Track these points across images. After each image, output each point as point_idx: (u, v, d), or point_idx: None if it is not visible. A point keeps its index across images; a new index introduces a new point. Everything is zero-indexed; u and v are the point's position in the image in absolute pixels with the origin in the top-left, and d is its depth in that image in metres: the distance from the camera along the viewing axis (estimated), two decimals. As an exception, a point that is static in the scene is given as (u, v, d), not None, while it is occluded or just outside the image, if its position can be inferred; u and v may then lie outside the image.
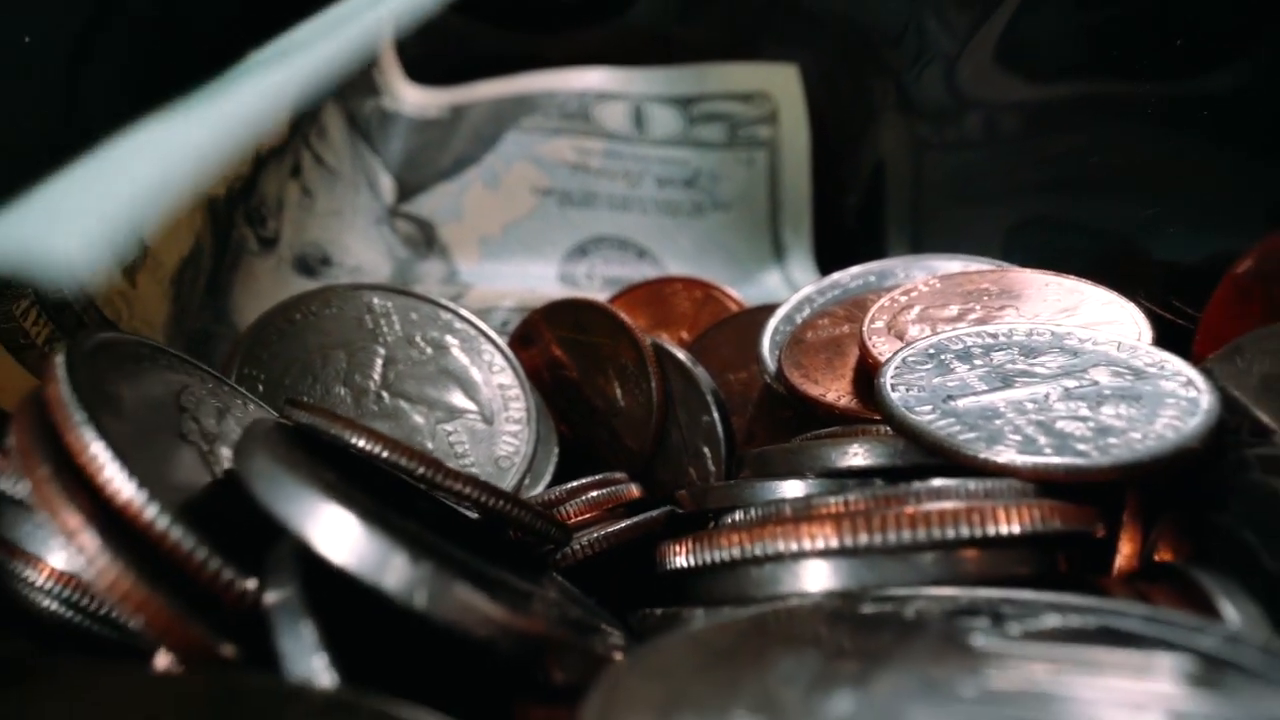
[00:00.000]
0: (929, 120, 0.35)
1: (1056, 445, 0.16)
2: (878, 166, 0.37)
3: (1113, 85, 0.29)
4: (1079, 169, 0.30)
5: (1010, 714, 0.09)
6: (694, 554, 0.15)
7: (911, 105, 0.35)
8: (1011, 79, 0.32)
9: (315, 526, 0.12)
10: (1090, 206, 0.29)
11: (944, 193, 0.35)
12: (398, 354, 0.24)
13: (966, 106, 0.34)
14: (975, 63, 0.33)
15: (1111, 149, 0.30)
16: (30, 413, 0.13)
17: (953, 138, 0.34)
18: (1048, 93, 0.31)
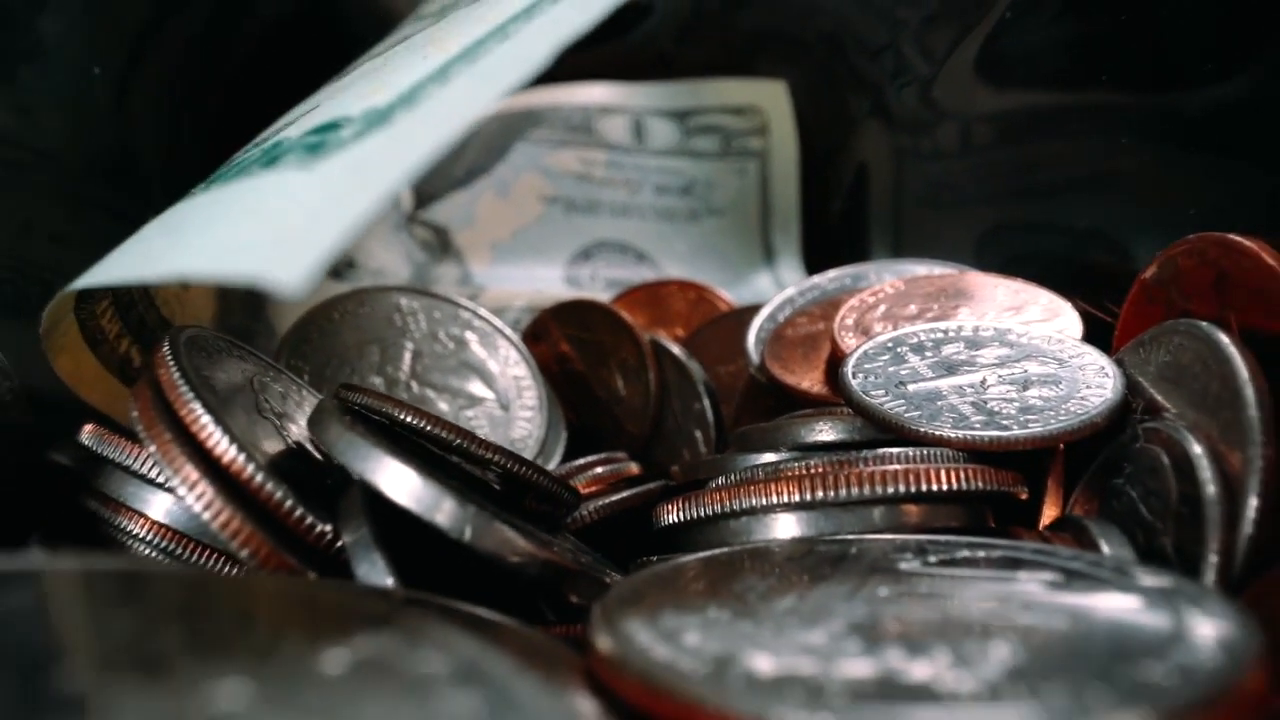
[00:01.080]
0: (907, 132, 0.39)
1: (985, 421, 0.19)
2: (860, 175, 0.41)
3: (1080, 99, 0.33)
4: (1043, 179, 0.34)
5: (915, 605, 0.13)
6: (682, 510, 0.19)
7: (891, 118, 0.39)
8: (984, 95, 0.36)
9: (384, 478, 0.16)
10: (1051, 213, 0.33)
11: (921, 200, 0.39)
12: (424, 348, 0.28)
13: (942, 119, 0.37)
14: (949, 80, 0.36)
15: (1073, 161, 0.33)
16: (148, 392, 0.17)
17: (929, 148, 0.38)
18: (1017, 108, 0.35)
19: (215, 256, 0.11)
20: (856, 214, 0.41)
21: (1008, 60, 0.35)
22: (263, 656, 0.09)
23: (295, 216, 0.10)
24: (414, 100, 0.12)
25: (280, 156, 0.14)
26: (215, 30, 0.37)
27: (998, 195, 0.35)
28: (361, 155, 0.11)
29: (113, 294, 0.25)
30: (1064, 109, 0.33)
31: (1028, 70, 0.34)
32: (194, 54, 0.37)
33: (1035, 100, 0.34)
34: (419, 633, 0.10)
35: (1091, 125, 0.32)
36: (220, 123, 0.38)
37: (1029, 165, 0.34)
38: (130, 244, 0.15)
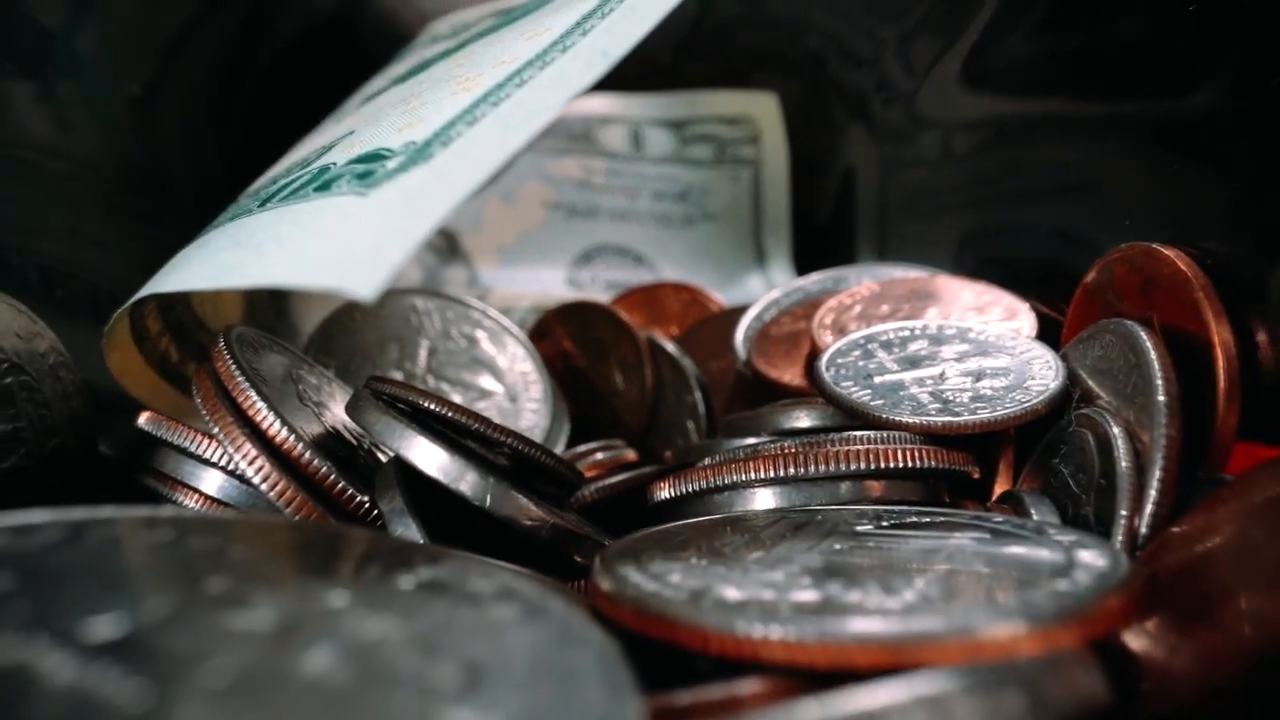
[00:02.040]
0: (890, 141, 0.42)
1: (940, 408, 0.22)
2: (847, 182, 0.44)
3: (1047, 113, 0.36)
4: (1013, 187, 0.37)
5: (861, 556, 0.16)
6: (673, 487, 0.22)
7: (875, 128, 0.42)
8: (959, 108, 0.39)
9: (416, 454, 0.19)
10: (1019, 220, 0.36)
11: (904, 205, 0.42)
12: (438, 345, 0.31)
13: (921, 130, 0.40)
14: (928, 93, 0.39)
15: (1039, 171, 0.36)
16: (209, 382, 0.20)
17: (910, 157, 0.41)
18: (991, 121, 0.38)
19: (298, 269, 0.14)
20: (843, 219, 0.44)
21: (983, 75, 0.38)
22: (353, 577, 0.12)
23: (363, 239, 0.13)
24: (448, 138, 0.15)
25: (332, 182, 0.17)
26: (238, 46, 0.40)
27: (972, 202, 0.38)
28: (410, 187, 0.14)
29: (157, 295, 0.28)
30: (1033, 122, 0.36)
31: (1001, 85, 0.37)
32: (218, 69, 0.40)
33: (1007, 113, 0.37)
34: (465, 566, 0.13)
35: (1058, 137, 0.35)
36: (242, 133, 0.41)
37: (1000, 174, 0.37)
38: (203, 254, 0.18)
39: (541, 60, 0.17)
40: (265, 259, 0.15)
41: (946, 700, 0.10)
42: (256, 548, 0.12)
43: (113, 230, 0.34)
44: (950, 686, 0.10)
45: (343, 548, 0.14)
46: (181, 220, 0.37)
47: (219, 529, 0.13)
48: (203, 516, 0.15)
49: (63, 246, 0.31)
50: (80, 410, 0.25)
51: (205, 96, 0.40)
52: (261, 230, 0.16)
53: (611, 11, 0.18)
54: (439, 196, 0.13)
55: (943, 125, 0.40)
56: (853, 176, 0.43)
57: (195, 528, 0.13)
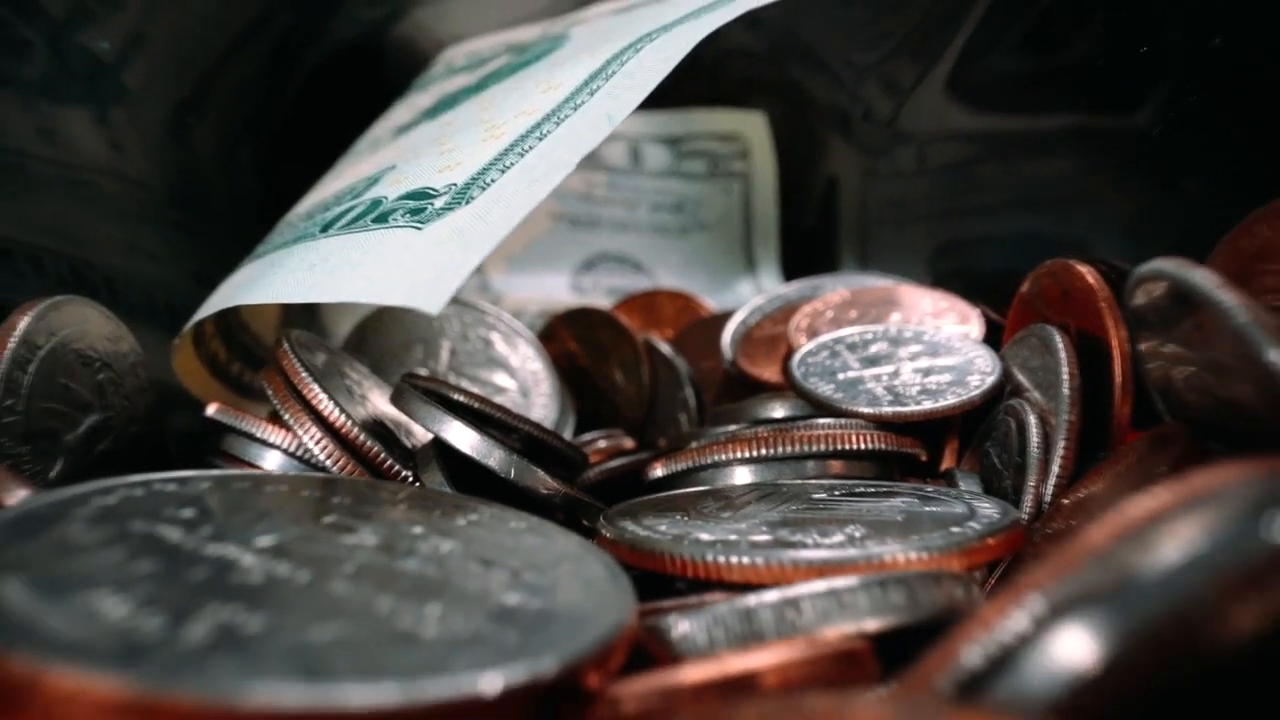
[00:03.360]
0: (870, 156, 0.47)
1: (892, 400, 0.27)
2: (830, 193, 0.48)
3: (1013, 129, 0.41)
4: (978, 202, 0.42)
5: (811, 514, 0.21)
6: (665, 466, 0.27)
7: (856, 145, 0.47)
8: (931, 127, 0.43)
9: (452, 435, 0.23)
10: (982, 231, 0.41)
11: (882, 216, 0.47)
12: (458, 346, 0.35)
13: (898, 145, 0.45)
14: (906, 115, 0.44)
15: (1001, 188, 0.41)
16: (278, 377, 0.25)
17: (887, 170, 0.46)
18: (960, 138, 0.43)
19: (372, 290, 0.18)
20: (828, 228, 0.49)
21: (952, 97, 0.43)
22: (425, 515, 0.17)
23: (424, 266, 0.18)
24: (485, 183, 0.20)
25: (388, 215, 0.22)
26: (269, 72, 0.45)
27: (940, 215, 0.43)
28: (458, 224, 0.19)
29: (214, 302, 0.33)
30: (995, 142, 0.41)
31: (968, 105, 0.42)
32: (250, 93, 0.45)
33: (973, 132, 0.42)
34: (503, 511, 0.18)
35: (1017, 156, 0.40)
36: (272, 153, 0.46)
37: (964, 190, 0.42)
38: (280, 273, 0.23)
39: (556, 116, 0.22)
40: (341, 280, 0.20)
41: (847, 591, 0.15)
42: (349, 496, 0.17)
43: (162, 243, 0.39)
44: (851, 583, 0.15)
45: (414, 497, 0.18)
46: (218, 234, 0.42)
47: (320, 484, 0.18)
48: (306, 475, 0.20)
49: (122, 258, 0.36)
50: (153, 402, 0.30)
51: (238, 119, 0.45)
52: (333, 255, 0.21)
53: (614, 75, 0.23)
54: (484, 235, 0.18)
55: (916, 141, 0.45)
56: (836, 188, 0.48)
57: (303, 483, 0.17)
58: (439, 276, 0.17)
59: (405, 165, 0.25)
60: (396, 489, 0.20)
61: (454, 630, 0.12)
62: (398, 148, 0.28)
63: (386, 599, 0.13)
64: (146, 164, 0.39)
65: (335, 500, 0.17)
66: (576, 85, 0.23)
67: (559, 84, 0.24)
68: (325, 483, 0.18)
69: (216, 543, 0.14)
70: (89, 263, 0.34)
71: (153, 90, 0.40)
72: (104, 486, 0.15)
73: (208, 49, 0.42)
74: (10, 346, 0.23)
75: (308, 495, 0.17)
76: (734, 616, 0.15)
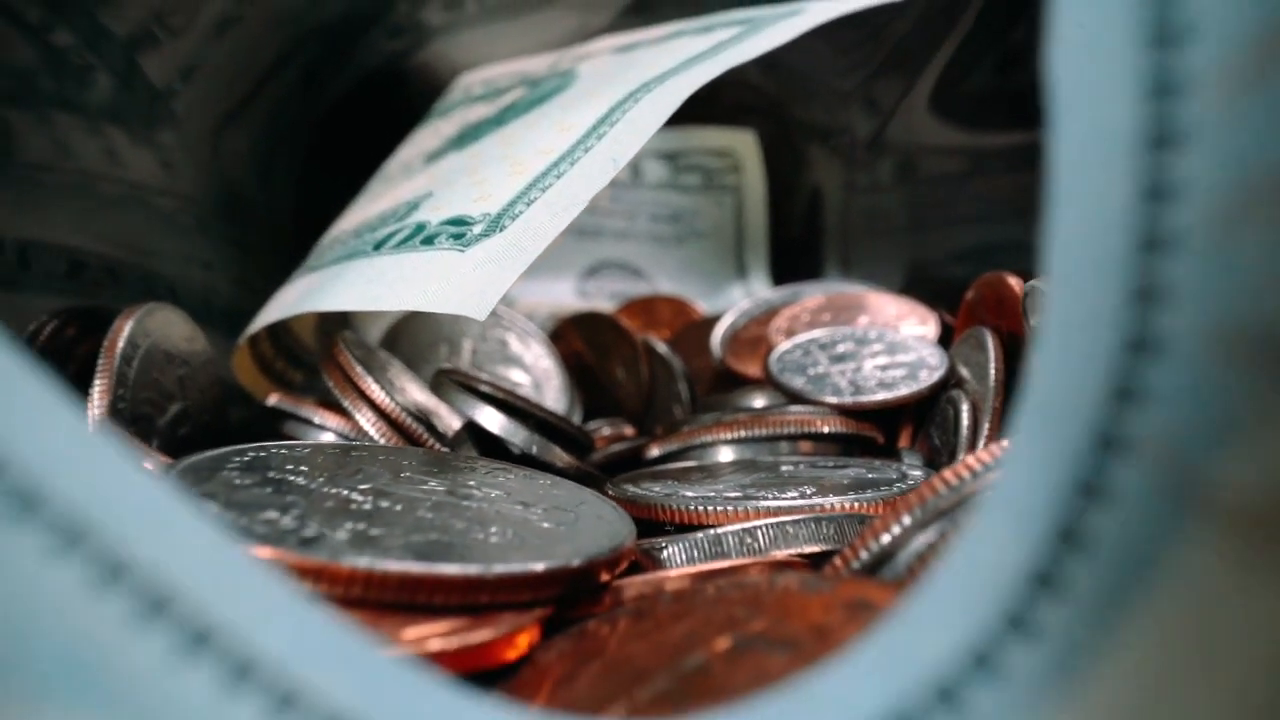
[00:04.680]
0: (851, 172, 0.53)
1: (853, 391, 0.33)
2: (815, 206, 0.55)
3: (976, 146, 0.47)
4: (941, 215, 0.48)
5: (774, 478, 0.27)
6: (660, 447, 0.33)
7: (839, 161, 0.53)
8: (911, 145, 0.50)
9: (484, 418, 0.29)
10: (943, 243, 0.47)
11: (862, 226, 0.53)
12: (478, 346, 0.42)
13: (878, 160, 0.51)
14: (887, 134, 0.50)
15: (975, 199, 0.47)
16: (337, 371, 0.31)
17: (866, 184, 0.52)
18: (936, 153, 0.49)
19: (427, 300, 0.24)
20: (812, 237, 0.55)
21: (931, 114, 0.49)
22: (478, 474, 0.23)
23: (469, 281, 0.24)
24: (514, 214, 0.26)
25: (433, 238, 0.28)
26: (301, 96, 0.51)
27: (909, 227, 0.49)
28: (494, 249, 0.25)
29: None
30: (967, 157, 0.47)
31: (946, 122, 0.48)
32: (284, 116, 0.51)
33: (947, 147, 0.48)
34: (532, 472, 0.24)
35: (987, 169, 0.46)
36: (304, 170, 0.52)
37: (936, 202, 0.48)
38: (342, 285, 0.29)
39: (570, 157, 0.28)
40: (400, 291, 0.26)
41: (791, 524, 0.21)
42: (415, 459, 0.23)
43: (214, 253, 0.45)
44: (795, 519, 0.21)
45: (465, 461, 0.24)
46: (260, 245, 0.48)
47: (393, 452, 0.24)
48: (379, 446, 0.26)
49: (181, 267, 0.42)
50: (220, 394, 0.36)
51: (272, 140, 0.51)
52: (390, 270, 0.27)
53: (617, 122, 0.29)
54: (518, 258, 0.24)
55: (891, 156, 0.51)
56: (819, 201, 0.54)
57: (379, 450, 0.23)
58: (483, 290, 0.23)
59: (441, 193, 0.31)
60: (449, 456, 0.26)
61: (509, 540, 0.18)
62: (430, 175, 0.34)
63: (459, 522, 0.19)
64: (194, 182, 0.45)
65: (405, 462, 0.23)
66: (586, 129, 0.29)
67: (571, 125, 0.30)
68: (397, 449, 0.24)
69: (331, 485, 0.20)
70: (156, 272, 0.40)
71: (198, 113, 0.46)
72: (236, 450, 0.22)
73: (246, 75, 0.48)
74: (119, 346, 0.29)
75: (384, 458, 0.23)
76: (707, 542, 0.21)
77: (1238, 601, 0.07)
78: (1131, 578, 0.08)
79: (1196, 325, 0.08)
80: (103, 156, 0.41)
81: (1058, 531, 0.09)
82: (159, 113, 0.43)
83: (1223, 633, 0.07)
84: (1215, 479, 0.08)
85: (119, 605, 0.08)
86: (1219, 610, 0.07)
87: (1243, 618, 0.07)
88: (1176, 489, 0.08)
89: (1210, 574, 0.07)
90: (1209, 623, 0.07)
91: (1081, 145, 0.09)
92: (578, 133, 0.29)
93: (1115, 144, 0.09)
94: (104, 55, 0.40)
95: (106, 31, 0.39)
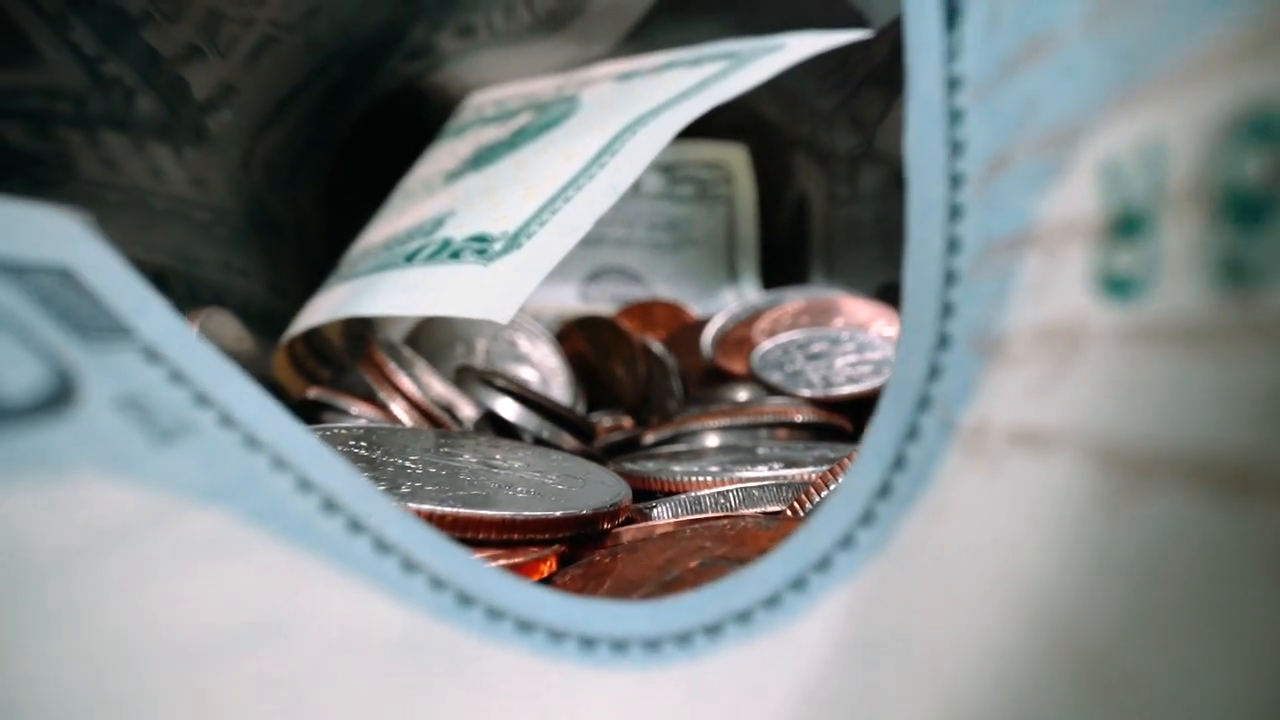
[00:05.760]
0: (834, 183, 0.59)
1: (824, 385, 0.39)
2: (801, 215, 0.60)
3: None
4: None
5: (753, 456, 0.33)
6: (654, 433, 0.39)
7: (823, 173, 0.59)
8: (894, 161, 0.55)
9: (501, 407, 0.35)
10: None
11: (845, 234, 0.59)
12: (491, 345, 0.47)
13: (858, 172, 0.57)
14: (869, 147, 0.56)
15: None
16: (373, 369, 0.37)
17: (847, 195, 0.58)
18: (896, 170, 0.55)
19: (457, 305, 0.30)
20: (799, 244, 0.60)
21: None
22: (498, 450, 0.29)
23: (493, 290, 0.30)
24: (530, 234, 0.32)
25: (459, 253, 0.33)
26: (324, 114, 0.57)
27: (881, 236, 0.55)
28: (514, 263, 0.30)
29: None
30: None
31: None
32: (307, 133, 0.57)
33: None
34: (547, 449, 0.30)
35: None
36: (326, 185, 0.58)
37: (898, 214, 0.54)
38: (378, 294, 0.35)
39: (576, 184, 0.34)
40: (432, 299, 0.31)
41: (757, 488, 0.27)
42: (448, 439, 0.29)
43: (248, 262, 0.51)
44: (762, 484, 0.27)
45: (490, 440, 0.30)
46: (289, 254, 0.54)
47: (430, 433, 0.30)
48: (417, 428, 0.32)
49: (221, 275, 0.48)
50: (263, 388, 0.42)
51: (296, 156, 0.57)
52: (422, 281, 0.33)
53: (617, 152, 0.35)
54: (534, 272, 0.30)
55: (869, 168, 0.57)
56: (805, 210, 0.60)
57: (417, 431, 0.29)
58: (505, 298, 0.29)
59: (463, 212, 0.37)
60: (479, 437, 0.32)
61: (531, 495, 0.24)
62: (451, 194, 0.40)
63: (492, 484, 0.25)
64: (227, 196, 0.51)
65: (441, 440, 0.29)
66: (589, 158, 0.35)
67: (576, 154, 0.36)
68: (434, 430, 0.30)
69: (387, 457, 0.26)
70: (200, 279, 0.46)
71: (231, 132, 0.52)
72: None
73: (276, 95, 0.54)
74: (188, 345, 0.35)
75: (424, 438, 0.29)
76: (688, 501, 0.27)
77: (983, 506, 0.13)
78: (922, 485, 0.14)
79: (964, 332, 0.14)
80: (148, 173, 0.47)
81: (894, 460, 0.15)
82: (198, 131, 0.49)
83: (970, 520, 0.13)
84: (967, 424, 0.13)
85: (312, 501, 0.14)
86: (968, 511, 0.13)
87: (986, 518, 0.13)
88: (948, 428, 0.14)
89: (963, 488, 0.13)
90: (963, 518, 0.13)
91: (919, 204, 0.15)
92: (582, 161, 0.35)
93: (935, 209, 0.15)
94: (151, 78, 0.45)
95: (156, 55, 0.45)
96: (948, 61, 0.15)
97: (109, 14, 0.40)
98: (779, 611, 0.14)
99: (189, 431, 0.13)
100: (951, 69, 0.15)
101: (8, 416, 0.10)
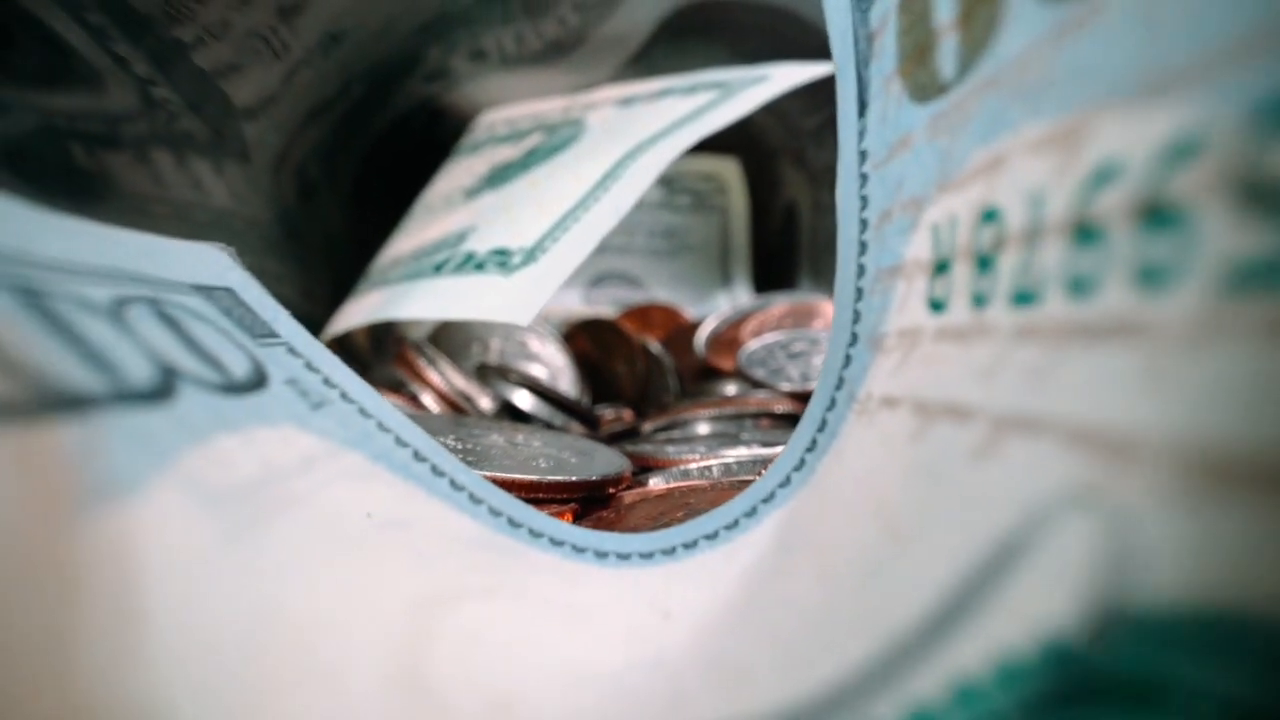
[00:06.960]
0: (819, 192, 0.65)
1: (802, 379, 0.46)
2: (790, 223, 0.67)
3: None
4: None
5: (738, 441, 0.39)
6: (652, 423, 0.45)
7: (810, 183, 0.66)
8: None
9: (518, 399, 0.42)
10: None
11: (831, 241, 0.65)
12: (504, 345, 0.54)
13: (844, 189, 0.64)
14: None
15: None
16: (405, 366, 0.44)
17: (831, 203, 0.65)
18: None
19: (482, 310, 0.37)
20: (788, 250, 0.67)
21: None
22: (519, 433, 0.35)
23: (514, 298, 0.36)
24: (545, 248, 0.38)
25: (482, 265, 0.40)
26: (346, 130, 0.63)
27: (873, 244, 0.62)
28: (532, 275, 0.37)
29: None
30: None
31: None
32: (330, 147, 0.63)
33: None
34: (561, 431, 0.36)
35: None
36: (348, 198, 0.64)
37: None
38: (410, 300, 0.42)
39: (584, 205, 0.40)
40: (460, 304, 0.38)
41: (736, 463, 0.33)
42: (480, 422, 0.36)
43: (282, 268, 0.57)
44: (740, 460, 0.33)
45: (512, 426, 0.37)
46: (317, 261, 0.60)
47: (458, 418, 0.36)
48: (449, 416, 0.38)
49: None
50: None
51: (321, 168, 0.63)
52: (451, 289, 0.40)
53: (620, 177, 0.41)
54: (549, 282, 0.37)
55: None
56: (794, 219, 0.67)
57: (450, 418, 0.36)
58: (525, 304, 0.36)
59: (484, 228, 0.44)
60: (501, 422, 0.38)
61: (551, 465, 0.31)
62: (471, 210, 0.47)
63: (519, 457, 0.31)
64: (261, 207, 0.58)
65: (470, 425, 0.35)
66: (595, 182, 0.42)
67: (583, 176, 0.43)
68: (464, 417, 0.37)
69: (438, 434, 0.32)
70: (243, 286, 0.53)
71: (263, 147, 0.58)
72: (360, 414, 0.34)
73: (303, 113, 0.61)
74: (245, 344, 0.42)
75: (456, 423, 0.36)
76: (678, 472, 0.33)
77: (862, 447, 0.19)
78: (833, 439, 0.20)
79: (865, 333, 0.20)
80: (191, 187, 0.53)
81: (819, 424, 0.21)
82: (236, 146, 0.55)
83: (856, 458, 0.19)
84: (860, 396, 0.20)
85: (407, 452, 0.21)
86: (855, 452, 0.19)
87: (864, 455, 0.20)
88: (850, 400, 0.20)
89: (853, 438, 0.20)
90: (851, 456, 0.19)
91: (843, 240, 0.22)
92: (588, 184, 0.42)
93: (851, 245, 0.22)
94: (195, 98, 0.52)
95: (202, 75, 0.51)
96: (859, 139, 0.21)
97: (160, 40, 0.46)
98: (736, 530, 0.21)
99: (328, 403, 0.19)
100: (861, 145, 0.21)
101: (240, 389, 0.16)
